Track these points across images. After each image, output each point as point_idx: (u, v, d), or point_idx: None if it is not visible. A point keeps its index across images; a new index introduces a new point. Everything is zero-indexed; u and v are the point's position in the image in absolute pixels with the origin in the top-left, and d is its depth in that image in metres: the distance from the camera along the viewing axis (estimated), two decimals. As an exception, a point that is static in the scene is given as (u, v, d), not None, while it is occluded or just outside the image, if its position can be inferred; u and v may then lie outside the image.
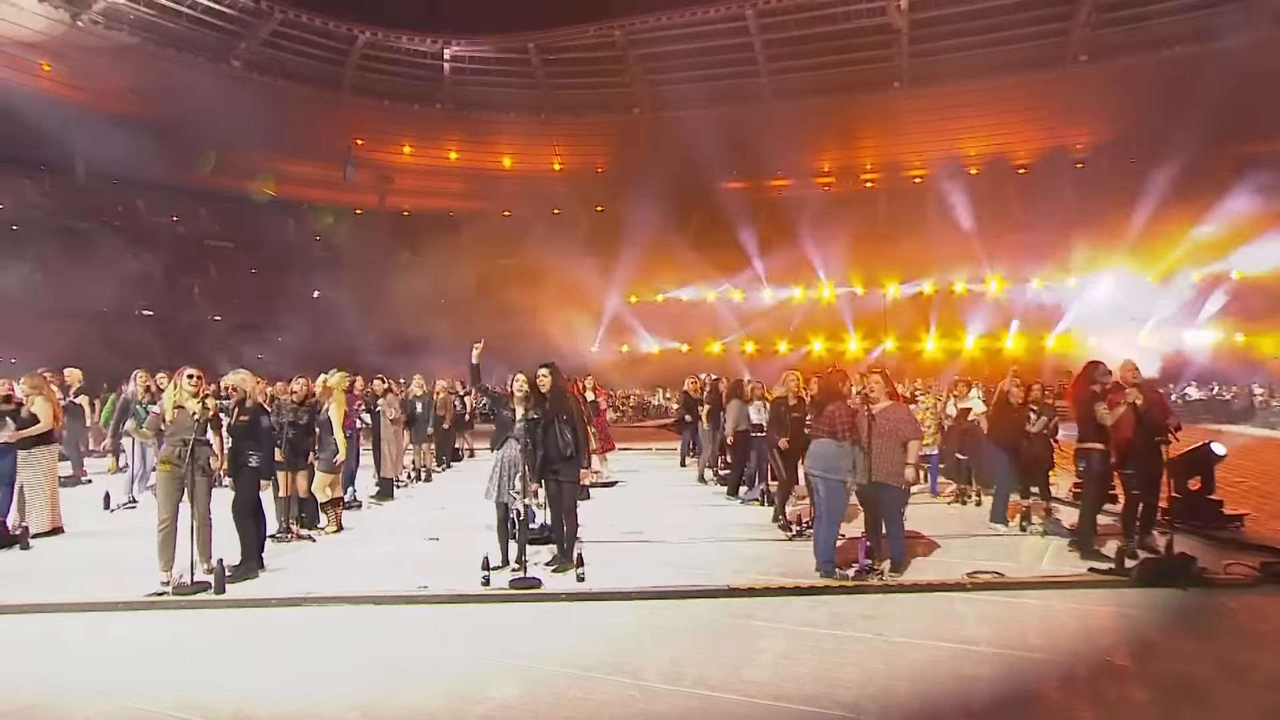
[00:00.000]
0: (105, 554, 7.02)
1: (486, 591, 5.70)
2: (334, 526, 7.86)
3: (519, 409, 6.25)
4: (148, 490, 9.41)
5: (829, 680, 4.16)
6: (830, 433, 6.06)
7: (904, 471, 6.09)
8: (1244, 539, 7.03)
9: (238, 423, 6.24)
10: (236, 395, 6.32)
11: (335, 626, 5.14)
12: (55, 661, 4.52)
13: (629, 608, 5.44)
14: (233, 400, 6.32)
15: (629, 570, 6.27)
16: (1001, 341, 31.17)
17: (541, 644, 4.75)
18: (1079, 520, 6.74)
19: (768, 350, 34.75)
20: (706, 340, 35.93)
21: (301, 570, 6.44)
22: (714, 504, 9.68)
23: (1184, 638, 4.75)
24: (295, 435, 7.39)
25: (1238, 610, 5.23)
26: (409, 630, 5.06)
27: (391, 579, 5.97)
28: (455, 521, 8.29)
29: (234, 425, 6.24)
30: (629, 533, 7.74)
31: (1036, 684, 4.13)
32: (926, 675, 4.22)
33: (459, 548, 6.92)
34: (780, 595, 5.64)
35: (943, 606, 5.35)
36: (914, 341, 33.41)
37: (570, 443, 6.02)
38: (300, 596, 5.60)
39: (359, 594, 5.63)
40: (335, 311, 35.46)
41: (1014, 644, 4.63)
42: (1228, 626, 4.94)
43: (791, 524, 7.73)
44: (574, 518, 6.27)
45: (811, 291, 35.94)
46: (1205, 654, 4.48)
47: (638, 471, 12.61)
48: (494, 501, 6.22)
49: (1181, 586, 5.53)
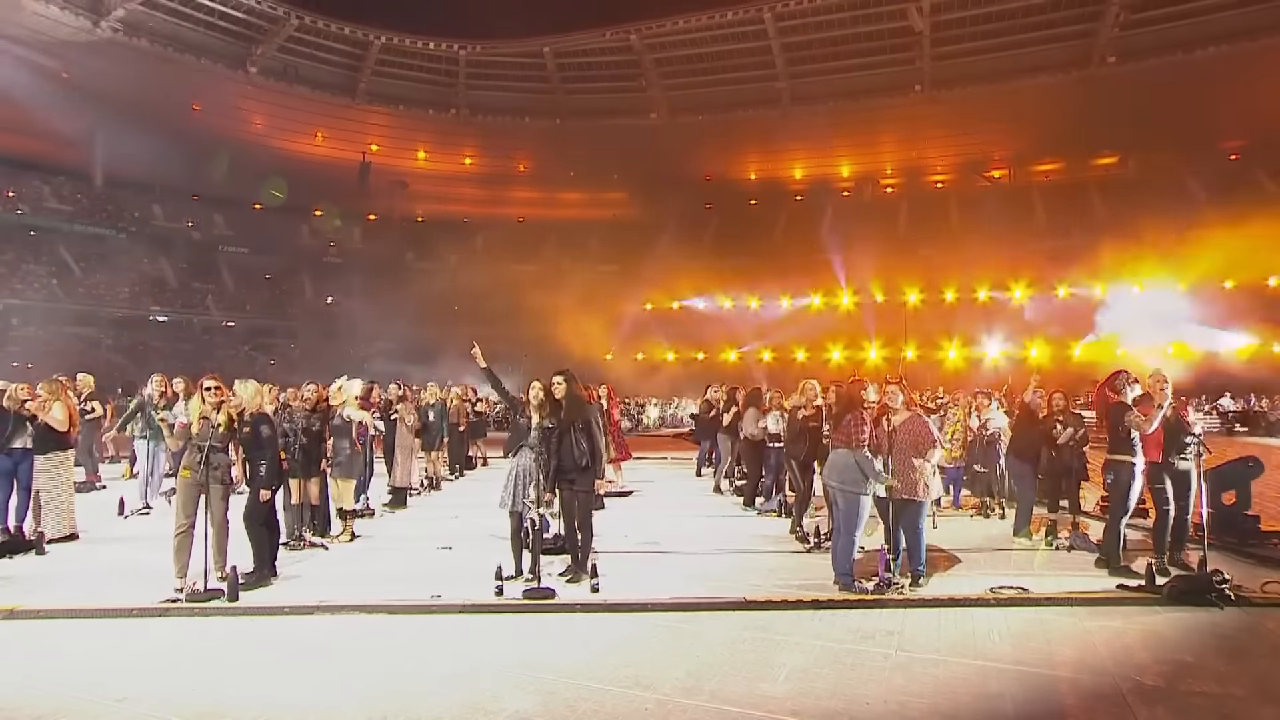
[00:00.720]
0: (120, 560, 7.12)
1: (500, 602, 5.72)
2: (347, 535, 7.93)
3: (534, 416, 6.28)
4: (161, 496, 9.55)
5: (848, 696, 4.14)
6: (847, 443, 6.04)
7: (923, 483, 6.08)
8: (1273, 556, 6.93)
9: (242, 434, 6.33)
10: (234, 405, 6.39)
11: (349, 635, 5.18)
12: (71, 668, 4.59)
13: (644, 619, 5.44)
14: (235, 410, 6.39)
15: (644, 581, 6.27)
16: (1026, 350, 30.87)
17: (556, 655, 4.76)
18: (1105, 534, 6.66)
19: (786, 359, 34.66)
20: (724, 348, 35.89)
21: (314, 579, 6.50)
22: (730, 515, 9.65)
23: (1218, 658, 4.67)
24: (308, 442, 7.46)
25: (1274, 631, 5.14)
26: (423, 640, 5.09)
27: (405, 588, 6.01)
28: (468, 531, 8.32)
29: (240, 436, 6.33)
30: (644, 543, 7.75)
31: (1062, 704, 4.08)
32: (947, 692, 4.18)
33: (472, 557, 6.95)
34: (798, 609, 5.62)
35: (965, 622, 5.30)
36: (935, 350, 33.18)
37: (586, 452, 6.04)
38: (313, 605, 5.66)
39: (372, 603, 5.68)
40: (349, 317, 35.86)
41: (1039, 662, 4.58)
42: (1265, 648, 4.85)
43: (809, 536, 7.69)
44: (588, 528, 6.28)
45: (831, 299, 35.82)
46: (1241, 675, 4.40)
47: (653, 481, 12.61)
48: (508, 511, 6.24)
49: (1216, 605, 5.45)
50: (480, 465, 14.15)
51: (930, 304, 34.39)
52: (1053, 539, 7.52)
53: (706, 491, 11.42)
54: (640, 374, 34.31)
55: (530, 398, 6.34)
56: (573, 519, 6.36)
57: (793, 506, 9.07)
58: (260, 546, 6.27)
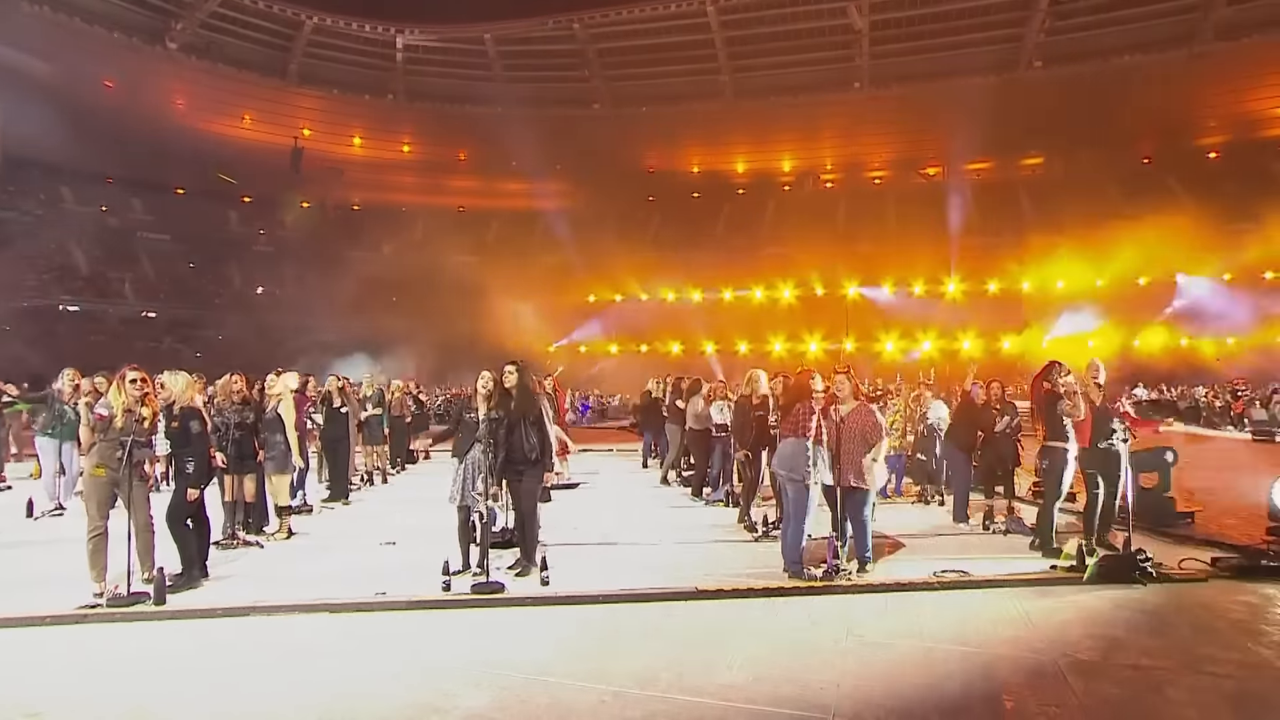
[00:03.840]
0: (31, 564, 6.70)
1: (448, 597, 5.60)
2: (284, 533, 7.64)
3: (481, 408, 6.17)
4: (76, 495, 9.02)
5: (803, 682, 4.20)
6: (795, 432, 6.13)
7: (869, 473, 6.19)
8: (1195, 535, 7.37)
9: (169, 429, 6.02)
10: (164, 397, 6.07)
11: (289, 636, 4.99)
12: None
13: (596, 612, 5.41)
14: (162, 403, 6.07)
15: (594, 573, 6.23)
16: (959, 343, 32.00)
17: (508, 650, 4.69)
18: (1039, 518, 6.94)
19: (728, 350, 35.05)
20: (667, 341, 36.06)
21: (250, 578, 6.24)
22: (678, 505, 9.70)
23: (1145, 633, 4.92)
24: (240, 437, 7.15)
25: (1193, 605, 5.44)
26: (368, 639, 4.94)
27: (347, 586, 5.83)
28: (411, 526, 8.14)
29: (168, 431, 6.02)
30: (593, 535, 7.71)
31: (1005, 681, 4.23)
32: (898, 675, 4.29)
33: (417, 553, 6.79)
34: (749, 597, 5.68)
35: (911, 606, 5.45)
36: (873, 342, 34.05)
37: (535, 445, 5.95)
38: (248, 606, 5.42)
39: (313, 602, 5.48)
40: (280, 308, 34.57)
41: (980, 642, 4.74)
42: (1186, 622, 5.13)
43: (757, 525, 7.79)
44: (535, 520, 6.19)
45: (772, 292, 36.37)
46: (1168, 648, 4.65)
47: (598, 473, 12.57)
48: (456, 505, 6.12)
49: (1139, 582, 5.75)
50: (423, 459, 13.86)
51: (868, 297, 35.28)
52: (989, 523, 7.81)
53: (653, 483, 11.45)
54: (583, 366, 34.19)
55: (479, 388, 6.22)
56: (521, 512, 6.27)
57: (739, 496, 9.19)
58: (186, 546, 5.96)
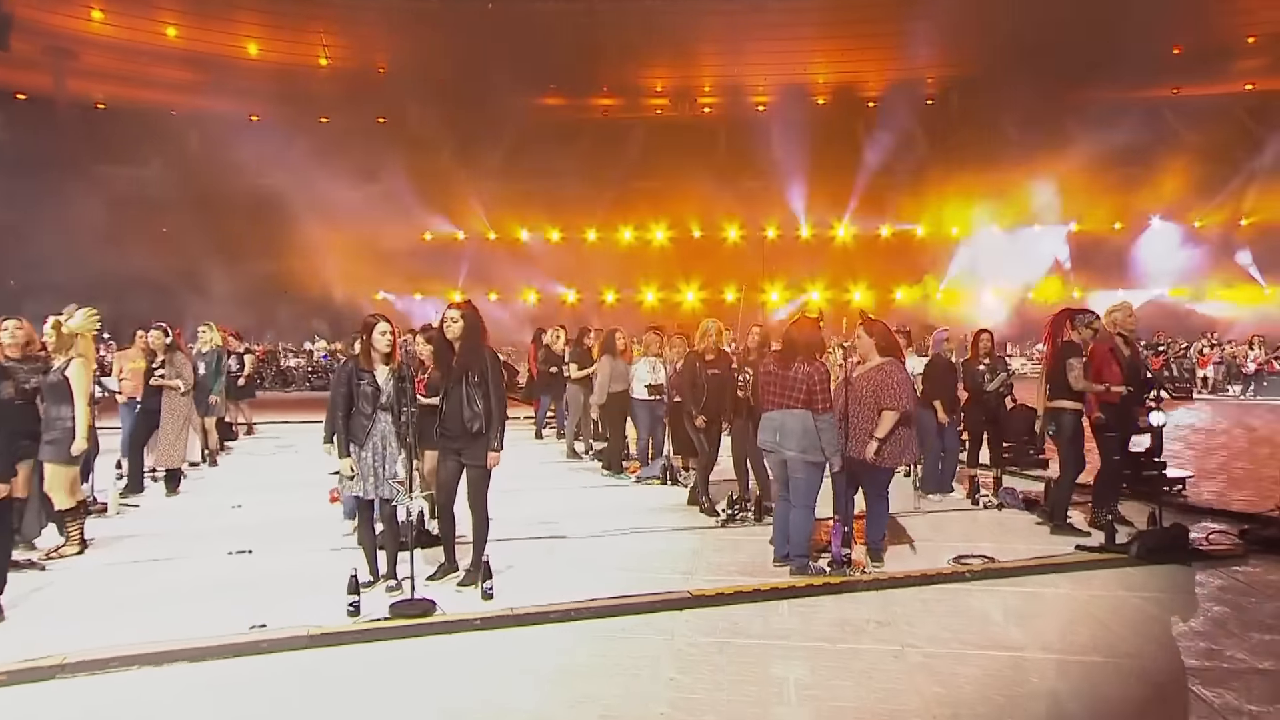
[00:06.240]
0: None
1: (358, 626, 4.67)
2: (74, 545, 6.21)
3: (380, 371, 5.19)
4: None
5: (886, 713, 3.75)
6: (807, 403, 5.61)
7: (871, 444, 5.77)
8: (1189, 504, 7.78)
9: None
10: None
11: (124, 703, 3.88)
12: None
13: (570, 632, 4.71)
14: None
15: (545, 579, 5.52)
16: (850, 294, 33.29)
17: (465, 697, 3.89)
18: (1055, 491, 6.92)
19: (592, 300, 34.50)
20: (521, 289, 34.91)
21: (46, 617, 4.95)
22: (604, 485, 9.15)
23: (1248, 625, 4.82)
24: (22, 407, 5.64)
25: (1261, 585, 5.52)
26: (243, 694, 3.95)
27: (200, 617, 4.73)
28: (265, 522, 7.02)
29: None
30: (522, 528, 6.87)
31: (1129, 696, 4.00)
32: (995, 696, 3.93)
33: (288, 562, 5.77)
34: (756, 600, 5.19)
35: (956, 603, 5.18)
36: (756, 292, 34.68)
37: (479, 414, 5.05)
38: (56, 665, 4.17)
39: (155, 649, 4.32)
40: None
41: (1065, 647, 4.49)
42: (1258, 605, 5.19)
43: (718, 508, 7.33)
44: (484, 512, 5.34)
45: (643, 233, 36.08)
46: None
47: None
48: (369, 499, 5.14)
49: (1184, 562, 5.83)
50: (245, 435, 12.27)
51: (750, 241, 35.82)
52: (978, 496, 7.81)
53: (559, 457, 10.75)
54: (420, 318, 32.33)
55: (377, 347, 5.21)
56: (448, 499, 5.38)
57: (679, 473, 8.72)
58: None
